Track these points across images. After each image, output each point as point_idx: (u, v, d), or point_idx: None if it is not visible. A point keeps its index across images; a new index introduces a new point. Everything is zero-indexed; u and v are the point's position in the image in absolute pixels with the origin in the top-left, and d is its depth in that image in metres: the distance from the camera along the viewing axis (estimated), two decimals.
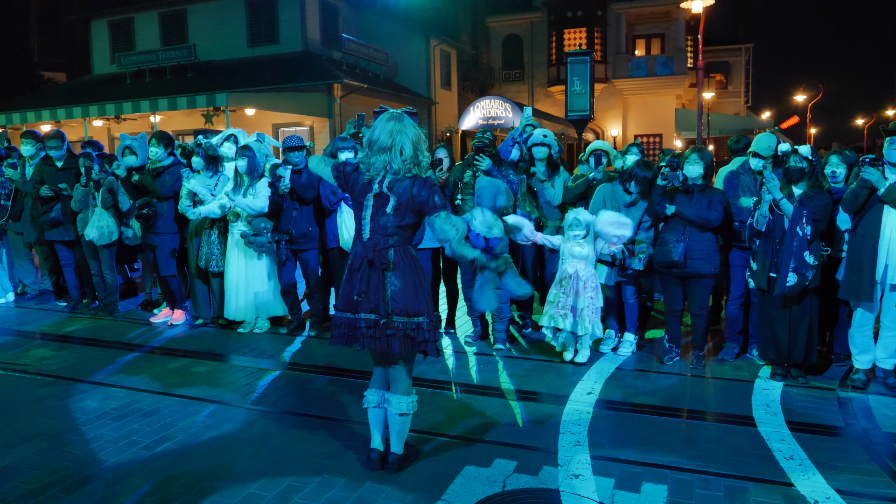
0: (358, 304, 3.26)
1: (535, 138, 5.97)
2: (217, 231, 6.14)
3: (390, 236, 3.24)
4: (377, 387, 3.48)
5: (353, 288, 3.28)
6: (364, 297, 3.24)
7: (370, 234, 3.26)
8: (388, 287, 3.23)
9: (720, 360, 5.29)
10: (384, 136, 3.20)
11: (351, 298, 3.28)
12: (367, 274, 3.25)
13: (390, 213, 3.22)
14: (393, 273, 3.23)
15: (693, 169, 4.94)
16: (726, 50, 34.29)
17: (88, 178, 6.57)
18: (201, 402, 4.49)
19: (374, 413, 3.47)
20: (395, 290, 3.23)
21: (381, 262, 3.21)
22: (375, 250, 3.22)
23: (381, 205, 3.23)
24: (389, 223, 3.23)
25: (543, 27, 29.48)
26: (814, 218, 4.42)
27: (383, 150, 3.19)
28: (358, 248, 3.32)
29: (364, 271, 3.25)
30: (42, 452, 3.70)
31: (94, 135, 19.43)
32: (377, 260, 3.22)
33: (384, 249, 3.23)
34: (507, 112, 22.11)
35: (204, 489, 3.28)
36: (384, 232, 3.24)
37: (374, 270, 3.23)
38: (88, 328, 6.54)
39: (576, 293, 5.09)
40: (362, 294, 3.24)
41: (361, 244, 3.30)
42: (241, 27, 21.83)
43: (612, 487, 3.27)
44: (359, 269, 3.27)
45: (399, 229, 3.25)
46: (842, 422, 4.09)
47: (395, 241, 3.25)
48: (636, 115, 28.99)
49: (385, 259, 3.22)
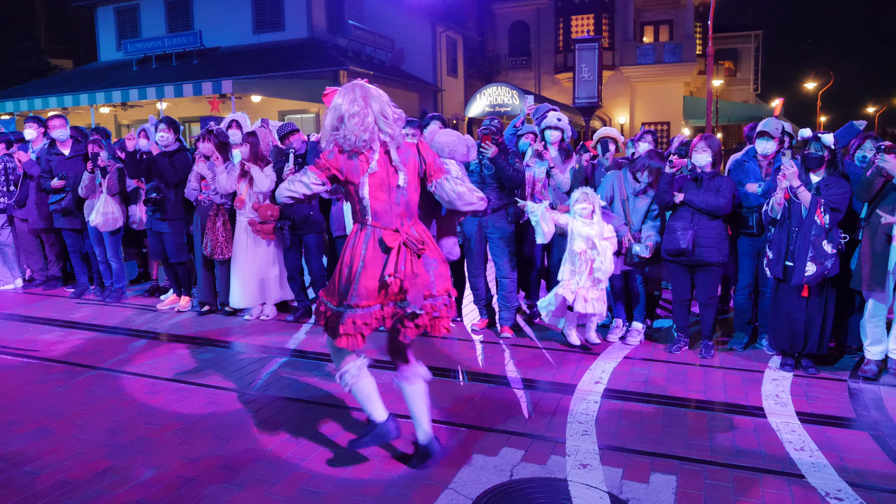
0: (400, 293, 2.97)
1: (548, 121, 5.87)
2: (223, 219, 6.13)
3: (409, 213, 3.05)
4: (352, 360, 3.24)
5: (389, 271, 2.94)
6: (411, 283, 2.95)
7: (385, 215, 3.00)
8: (430, 268, 3.03)
9: (729, 349, 5.26)
10: (351, 106, 2.90)
11: (383, 286, 2.96)
12: (405, 257, 2.96)
13: (404, 187, 3.01)
14: (430, 253, 3.05)
15: (701, 157, 4.89)
16: (735, 37, 33.96)
17: (95, 164, 6.56)
18: (208, 388, 4.49)
19: (365, 383, 3.25)
20: (436, 269, 3.04)
21: (418, 244, 2.98)
22: (406, 233, 2.99)
23: (391, 180, 2.99)
24: (405, 198, 3.02)
25: (550, 13, 29.23)
26: (832, 207, 4.36)
27: (355, 116, 2.89)
28: (377, 233, 3.00)
29: (401, 254, 2.96)
30: (50, 438, 3.71)
31: (101, 121, 19.48)
32: (412, 242, 2.97)
33: (409, 229, 3.02)
34: (514, 99, 22.00)
35: (211, 475, 3.27)
36: (402, 209, 3.02)
37: (411, 254, 2.98)
38: (95, 314, 6.55)
39: (582, 273, 5.06)
40: (406, 279, 2.94)
41: (381, 228, 3.00)
42: (247, 13, 21.73)
43: (620, 477, 3.25)
44: (396, 249, 2.95)
45: (415, 204, 3.08)
46: (853, 413, 4.05)
47: (413, 219, 3.08)
48: (644, 102, 28.78)
49: (421, 239, 3.01)
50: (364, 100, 2.94)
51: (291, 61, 19.42)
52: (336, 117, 2.96)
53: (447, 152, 3.34)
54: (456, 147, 3.43)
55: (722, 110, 26.16)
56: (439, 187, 3.12)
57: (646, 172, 5.20)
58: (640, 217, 5.28)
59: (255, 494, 3.10)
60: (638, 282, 5.41)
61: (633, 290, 5.45)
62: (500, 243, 5.55)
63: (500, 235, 5.52)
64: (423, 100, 24.16)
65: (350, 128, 2.92)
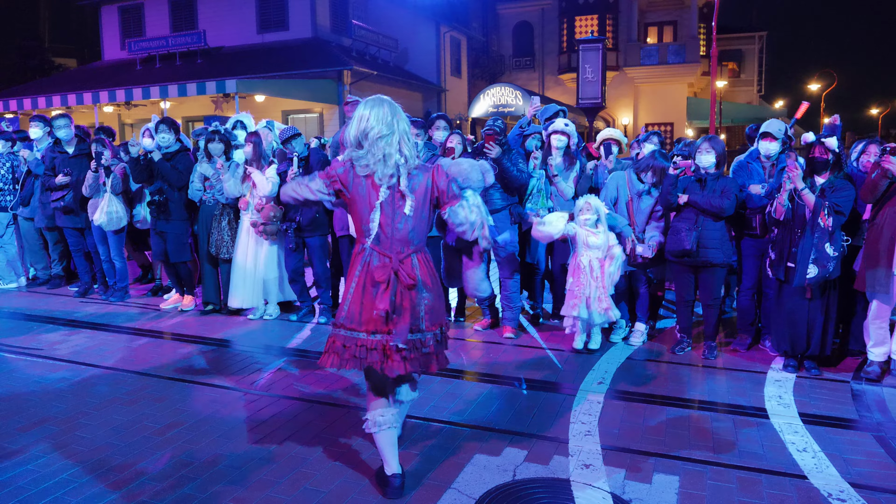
0: (390, 324, 2.87)
1: (556, 125, 5.77)
2: (227, 218, 6.15)
3: (411, 241, 2.92)
4: (383, 406, 3.05)
5: (383, 307, 2.85)
6: (400, 317, 2.86)
7: (385, 241, 2.89)
8: (422, 302, 2.92)
9: (732, 350, 5.25)
10: (378, 124, 2.81)
11: (377, 318, 2.86)
12: (395, 288, 2.87)
13: (409, 215, 2.89)
14: (426, 286, 2.94)
15: (705, 158, 4.89)
16: (739, 38, 33.92)
17: (98, 163, 6.58)
18: (211, 387, 4.50)
19: (388, 435, 3.05)
20: (428, 305, 2.93)
21: (410, 278, 2.87)
22: (400, 262, 2.89)
23: (396, 206, 2.87)
24: (409, 226, 2.90)
25: (554, 14, 29.21)
26: (836, 210, 4.35)
27: (381, 139, 2.81)
28: (373, 260, 2.89)
29: (395, 287, 2.87)
30: (54, 437, 3.72)
31: (105, 121, 19.51)
32: (403, 275, 2.87)
33: (407, 258, 2.91)
34: (518, 100, 21.96)
35: (214, 474, 3.28)
36: (404, 237, 2.90)
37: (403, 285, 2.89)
38: (99, 313, 6.57)
39: (588, 282, 5.05)
40: (396, 312, 2.86)
41: (378, 253, 2.89)
42: (251, 13, 21.75)
43: (623, 478, 3.25)
44: (385, 283, 2.86)
45: (420, 231, 2.95)
46: (856, 414, 4.04)
47: (416, 246, 2.95)
48: (648, 103, 28.74)
49: (413, 274, 2.89)
50: (394, 119, 2.85)
51: (295, 61, 19.43)
52: (362, 133, 2.85)
53: (461, 181, 3.26)
54: (470, 175, 3.37)
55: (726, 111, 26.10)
56: (453, 214, 3.02)
57: (650, 173, 5.20)
58: (643, 217, 5.27)
59: (258, 494, 3.11)
60: (641, 282, 5.41)
61: (637, 290, 5.44)
62: (503, 244, 5.54)
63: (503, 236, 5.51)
64: (427, 100, 24.16)
65: (374, 152, 2.83)
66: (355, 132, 2.86)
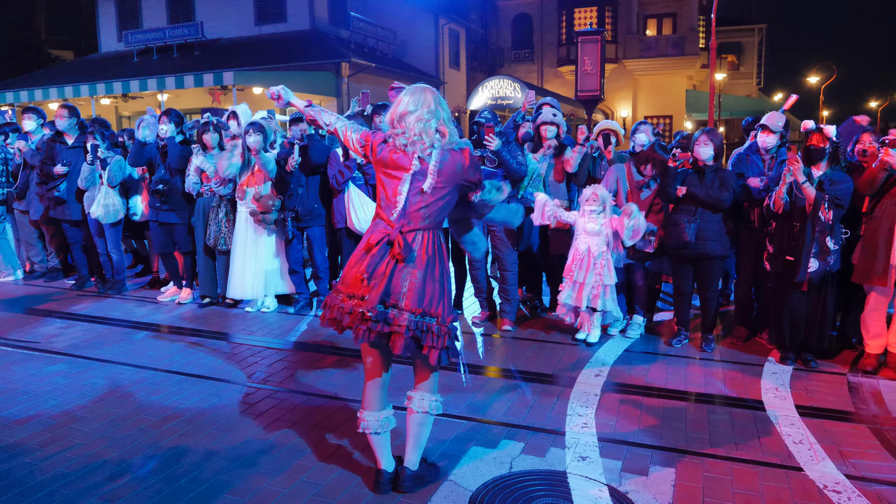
0: (365, 288, 2.85)
1: (544, 117, 5.88)
2: (225, 209, 6.13)
3: (423, 219, 2.89)
4: (374, 408, 3.06)
5: (362, 269, 2.87)
6: (376, 284, 2.84)
7: (401, 213, 2.89)
8: (407, 278, 2.85)
9: (729, 342, 5.25)
10: (417, 107, 2.87)
11: (357, 281, 2.88)
12: (384, 257, 2.86)
13: (428, 192, 2.87)
14: (415, 263, 2.87)
15: (703, 151, 4.87)
16: (739, 30, 33.83)
17: (94, 156, 6.55)
18: (208, 380, 4.49)
19: (376, 438, 3.07)
20: (415, 283, 2.85)
21: (402, 250, 2.82)
22: (401, 233, 2.85)
23: (418, 183, 2.87)
24: (424, 203, 2.87)
25: (553, 6, 29.11)
26: (836, 203, 4.34)
27: (419, 120, 2.85)
28: (380, 225, 2.93)
29: (383, 253, 2.86)
30: (50, 430, 3.71)
31: (102, 113, 19.43)
32: (398, 246, 2.82)
33: (411, 232, 2.87)
34: (516, 92, 21.91)
35: (210, 467, 3.28)
36: (417, 213, 2.88)
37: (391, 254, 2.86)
38: (96, 306, 6.56)
39: (587, 270, 5.05)
40: (374, 279, 2.84)
41: (385, 222, 2.91)
42: (249, 4, 21.66)
43: (619, 470, 3.25)
44: (376, 249, 2.87)
45: (434, 211, 2.90)
46: (852, 406, 4.05)
47: (426, 224, 2.90)
48: (646, 96, 28.70)
49: (406, 247, 2.83)
50: (436, 106, 2.92)
51: (293, 53, 19.37)
52: (398, 115, 2.92)
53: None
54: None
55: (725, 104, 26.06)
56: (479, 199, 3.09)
57: (649, 165, 5.19)
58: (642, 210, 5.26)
59: (254, 486, 3.11)
60: (639, 275, 5.40)
61: (634, 283, 5.44)
62: (502, 237, 5.54)
63: (502, 229, 5.51)
64: None
65: (408, 132, 2.89)
66: (394, 111, 2.96)
